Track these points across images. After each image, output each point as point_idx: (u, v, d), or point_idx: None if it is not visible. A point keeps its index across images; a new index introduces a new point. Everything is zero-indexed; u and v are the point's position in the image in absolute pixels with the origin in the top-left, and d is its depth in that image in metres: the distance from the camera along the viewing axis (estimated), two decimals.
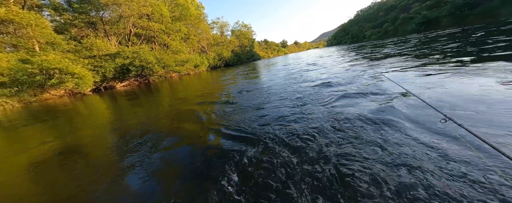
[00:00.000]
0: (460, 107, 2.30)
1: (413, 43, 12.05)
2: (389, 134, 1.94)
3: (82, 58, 14.79)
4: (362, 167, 1.51)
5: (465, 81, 3.25)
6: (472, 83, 3.04)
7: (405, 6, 46.92)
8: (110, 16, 20.22)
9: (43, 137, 3.87)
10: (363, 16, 74.54)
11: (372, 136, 1.95)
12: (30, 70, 10.78)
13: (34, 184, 2.08)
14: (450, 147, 1.60)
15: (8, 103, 10.26)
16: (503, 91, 2.54)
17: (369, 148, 1.75)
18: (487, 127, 1.78)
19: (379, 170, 1.45)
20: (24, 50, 12.25)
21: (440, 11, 29.43)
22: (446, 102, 2.50)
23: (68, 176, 2.14)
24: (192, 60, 25.97)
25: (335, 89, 4.13)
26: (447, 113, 1.57)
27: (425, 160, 1.50)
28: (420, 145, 1.70)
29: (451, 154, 1.52)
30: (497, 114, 1.98)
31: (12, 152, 3.27)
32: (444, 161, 1.45)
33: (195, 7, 33.73)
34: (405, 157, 1.56)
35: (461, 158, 1.46)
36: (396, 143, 1.78)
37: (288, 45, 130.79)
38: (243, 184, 1.53)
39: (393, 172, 1.40)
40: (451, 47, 7.49)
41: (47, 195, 1.84)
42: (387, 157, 1.59)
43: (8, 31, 11.79)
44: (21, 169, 2.47)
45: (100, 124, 4.41)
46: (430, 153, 1.57)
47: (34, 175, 2.26)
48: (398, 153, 1.63)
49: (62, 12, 17.32)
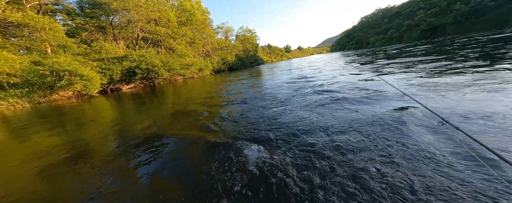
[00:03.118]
0: (458, 111, 2.34)
1: (417, 49, 11.98)
2: (386, 136, 1.93)
3: (91, 61, 15.25)
4: (358, 168, 1.50)
5: (465, 86, 3.24)
6: (472, 87, 3.06)
7: (410, 13, 46.99)
8: (119, 21, 20.95)
9: (50, 137, 3.97)
10: (367, 22, 74.88)
11: (369, 138, 1.95)
12: (41, 71, 11.17)
13: (40, 184, 2.13)
14: (448, 149, 1.63)
15: (19, 103, 10.59)
16: (500, 96, 2.53)
17: (366, 150, 1.75)
18: (484, 131, 1.81)
19: (375, 171, 1.44)
20: (36, 53, 12.75)
21: (445, 19, 29.35)
22: (444, 106, 2.54)
23: (74, 177, 2.19)
24: (197, 63, 26.40)
25: (333, 94, 4.15)
26: (445, 117, 1.61)
27: (421, 161, 1.51)
28: (418, 147, 1.69)
29: (449, 156, 1.54)
30: (496, 118, 2.00)
31: (19, 152, 3.36)
32: (441, 162, 1.46)
33: (201, 13, 34.62)
34: (401, 158, 1.55)
35: (458, 160, 1.48)
36: (391, 145, 1.79)
37: (291, 50, 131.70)
38: (248, 186, 1.54)
39: (387, 171, 1.41)
40: (453, 52, 7.42)
41: (52, 195, 1.87)
42: (384, 158, 1.58)
43: (23, 34, 12.33)
44: (27, 169, 2.53)
45: (106, 126, 4.50)
46: (428, 154, 1.59)
47: (40, 176, 2.32)
48: (394, 154, 1.62)
49: (74, 17, 18.06)
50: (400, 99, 3.12)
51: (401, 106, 2.84)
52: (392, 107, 2.83)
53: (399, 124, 2.25)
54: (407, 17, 47.60)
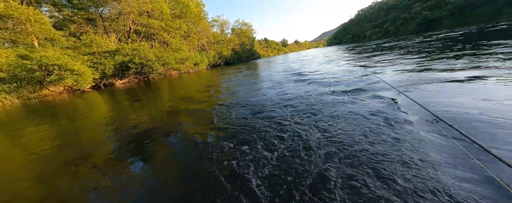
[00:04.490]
0: (451, 108, 2.29)
1: (411, 43, 12.03)
2: (380, 133, 1.95)
3: (82, 55, 14.69)
4: (352, 164, 1.51)
5: (457, 81, 3.24)
6: (464, 84, 3.03)
7: (406, 5, 46.79)
8: (109, 12, 20.05)
9: (41, 134, 3.86)
10: (364, 15, 74.31)
11: (362, 135, 1.97)
12: (29, 66, 10.70)
13: (33, 183, 2.08)
14: (441, 147, 1.61)
15: (8, 99, 10.21)
16: (494, 91, 2.55)
17: (357, 145, 1.76)
18: (478, 129, 1.78)
19: (367, 167, 1.45)
20: (23, 46, 12.15)
21: (441, 12, 29.39)
22: (437, 103, 2.49)
23: (68, 174, 2.14)
24: (192, 58, 25.85)
25: (325, 88, 4.16)
26: (438, 114, 1.59)
27: (413, 157, 1.52)
28: (410, 145, 1.70)
29: (442, 154, 1.53)
30: (489, 115, 1.98)
31: (11, 149, 3.26)
32: (434, 161, 1.46)
33: (195, 5, 33.45)
34: (396, 155, 1.57)
35: (451, 157, 1.48)
36: (386, 141, 1.80)
37: (288, 44, 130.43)
38: (245, 181, 1.54)
39: (381, 167, 1.42)
40: (446, 47, 7.48)
41: (46, 193, 1.83)
42: (378, 156, 1.60)
43: (7, 26, 11.68)
44: (20, 167, 2.46)
45: (99, 122, 4.40)
46: (421, 151, 1.59)
47: (33, 175, 2.26)
48: (389, 150, 1.64)
49: (61, 8, 17.16)
50: (392, 95, 3.06)
51: (393, 102, 2.79)
52: (383, 103, 2.79)
53: (389, 121, 2.22)
54: (404, 10, 47.42)
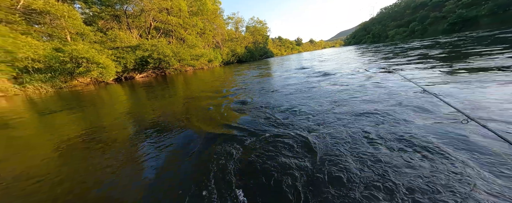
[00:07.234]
0: (481, 108, 2.21)
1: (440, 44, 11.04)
2: (409, 134, 1.82)
3: (107, 49, 15.78)
4: (378, 166, 1.43)
5: (487, 82, 2.99)
6: (494, 84, 2.85)
7: (438, 3, 42.88)
8: (133, 9, 21.21)
9: (71, 122, 4.24)
10: (388, 14, 69.69)
11: (389, 136, 1.85)
12: (61, 58, 11.77)
13: (57, 167, 2.29)
14: (476, 147, 1.53)
15: (43, 87, 11.35)
16: None
17: (386, 147, 1.66)
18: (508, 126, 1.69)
19: (396, 169, 1.36)
20: (57, 40, 13.37)
21: (479, 10, 26.44)
22: (467, 103, 2.41)
23: (89, 162, 2.32)
24: (207, 54, 26.44)
25: (349, 91, 3.96)
26: (469, 114, 1.49)
27: (446, 161, 1.40)
28: (438, 148, 1.57)
29: (478, 154, 1.44)
30: None
31: (42, 135, 3.62)
32: (470, 161, 1.34)
33: (212, 2, 34.01)
34: (426, 156, 1.46)
35: (486, 158, 1.40)
36: (416, 143, 1.69)
37: (302, 43, 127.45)
38: (249, 179, 1.54)
39: (410, 169, 1.32)
40: (474, 48, 6.73)
41: (66, 177, 2.01)
42: (405, 157, 1.49)
43: (45, 21, 12.91)
44: (47, 152, 2.72)
45: (121, 113, 4.72)
46: (455, 154, 1.48)
47: (58, 159, 2.48)
48: (420, 155, 1.52)
49: (91, 5, 18.51)
50: (419, 95, 2.93)
51: (420, 102, 2.67)
52: (411, 104, 2.66)
53: (418, 121, 2.13)
54: (434, 8, 43.56)
